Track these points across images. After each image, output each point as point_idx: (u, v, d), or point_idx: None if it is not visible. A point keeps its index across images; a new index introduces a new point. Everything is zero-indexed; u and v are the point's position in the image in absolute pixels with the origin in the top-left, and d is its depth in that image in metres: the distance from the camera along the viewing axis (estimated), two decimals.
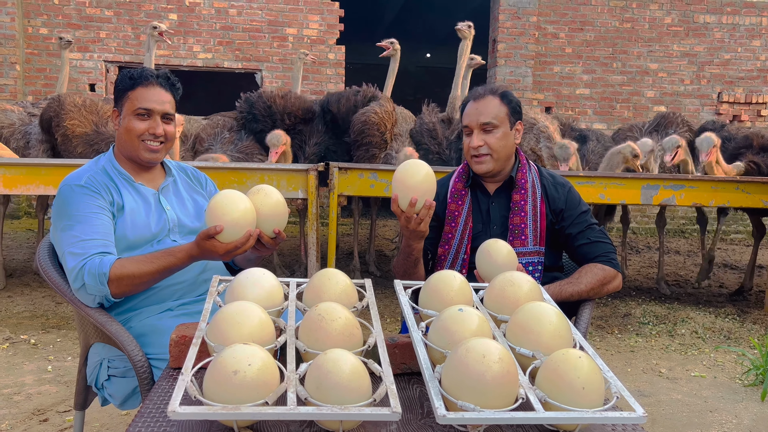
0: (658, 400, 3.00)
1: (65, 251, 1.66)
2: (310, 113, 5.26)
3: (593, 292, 1.92)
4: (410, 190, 1.61)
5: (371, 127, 4.94)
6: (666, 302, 4.82)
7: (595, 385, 1.08)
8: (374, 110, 5.00)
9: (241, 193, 1.52)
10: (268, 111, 5.14)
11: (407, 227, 1.70)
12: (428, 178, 1.63)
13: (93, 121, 4.65)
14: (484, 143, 1.95)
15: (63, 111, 4.63)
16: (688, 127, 5.48)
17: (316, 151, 5.18)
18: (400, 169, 1.64)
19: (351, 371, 1.03)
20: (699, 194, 4.02)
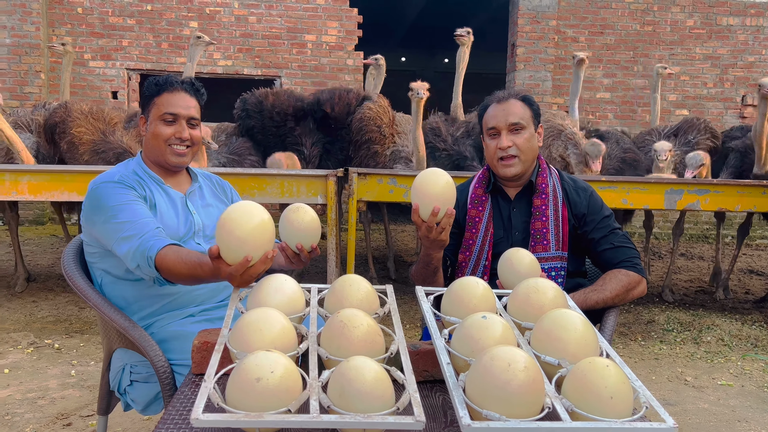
0: (684, 409, 2.94)
1: (115, 239, 1.63)
2: (300, 111, 5.21)
3: (618, 298, 1.89)
4: (431, 199, 1.60)
5: (368, 122, 4.91)
6: (690, 309, 4.73)
7: (623, 395, 1.05)
8: (368, 106, 5.00)
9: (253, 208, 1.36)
10: (259, 107, 5.14)
11: (428, 237, 1.68)
12: (448, 187, 1.61)
13: (100, 128, 4.53)
14: (512, 144, 1.93)
15: (70, 118, 4.52)
16: (711, 133, 5.27)
17: (315, 152, 5.15)
18: (420, 179, 1.63)
19: (374, 379, 1.02)
20: (724, 199, 3.95)
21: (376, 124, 4.93)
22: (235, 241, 1.33)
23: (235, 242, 1.33)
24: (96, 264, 1.79)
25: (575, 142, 4.51)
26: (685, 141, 5.23)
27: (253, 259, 1.33)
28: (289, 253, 1.58)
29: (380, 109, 5.00)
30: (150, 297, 1.75)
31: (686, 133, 5.28)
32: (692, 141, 5.19)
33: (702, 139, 5.19)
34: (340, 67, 8.32)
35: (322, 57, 8.29)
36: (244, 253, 1.32)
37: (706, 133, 5.22)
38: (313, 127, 5.22)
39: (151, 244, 1.58)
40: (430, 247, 1.76)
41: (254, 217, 1.34)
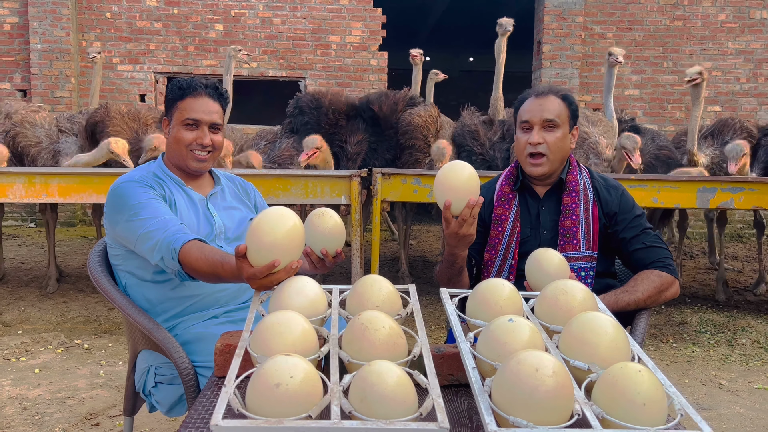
0: (719, 414, 2.85)
1: (138, 235, 1.63)
2: (353, 109, 5.31)
3: (650, 300, 1.84)
4: (461, 191, 1.57)
5: (415, 129, 4.94)
6: (724, 310, 4.61)
7: (657, 401, 1.01)
8: (419, 113, 5.01)
9: (287, 214, 1.35)
10: (316, 103, 5.22)
11: (457, 234, 1.64)
12: (473, 177, 1.59)
13: (134, 128, 4.76)
14: (543, 141, 1.88)
15: (108, 117, 4.77)
16: (747, 132, 5.10)
17: (358, 150, 5.17)
18: (444, 174, 1.59)
19: (396, 383, 0.99)
20: (760, 197, 3.82)
21: (422, 133, 4.95)
22: (264, 245, 1.32)
23: (264, 246, 1.32)
24: (120, 266, 1.80)
25: (597, 152, 4.41)
26: (722, 142, 5.08)
27: (280, 265, 1.31)
28: (313, 258, 1.56)
29: (429, 118, 5.02)
30: (174, 299, 1.75)
31: (722, 134, 5.15)
32: (728, 141, 4.98)
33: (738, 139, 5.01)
34: (364, 67, 8.31)
35: (346, 58, 8.29)
36: (272, 257, 1.31)
37: (742, 133, 5.06)
38: (362, 127, 5.27)
39: (177, 237, 1.58)
40: (457, 245, 1.73)
41: (286, 224, 1.33)
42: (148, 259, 1.63)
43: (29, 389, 2.97)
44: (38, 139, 4.95)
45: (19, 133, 4.93)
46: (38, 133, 4.98)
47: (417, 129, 4.92)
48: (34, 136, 4.95)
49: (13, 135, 4.94)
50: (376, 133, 5.27)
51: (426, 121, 4.97)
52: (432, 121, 5.04)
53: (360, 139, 5.19)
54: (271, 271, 1.32)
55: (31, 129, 4.98)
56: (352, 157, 5.13)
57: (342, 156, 5.18)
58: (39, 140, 4.94)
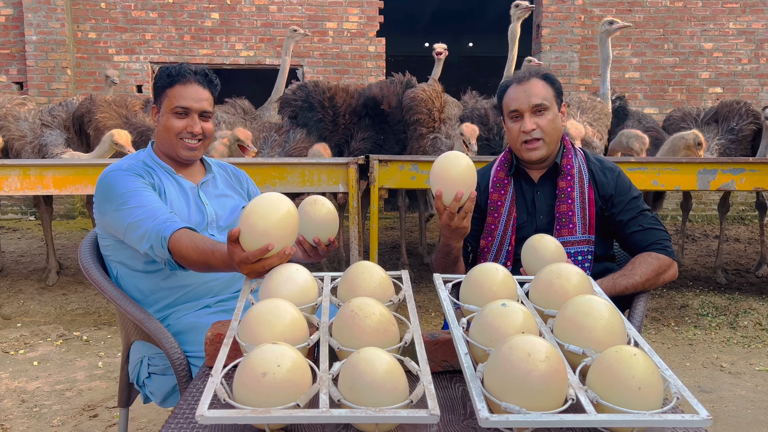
0: (720, 397, 2.84)
1: (127, 224, 1.61)
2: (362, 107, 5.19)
3: (649, 283, 1.81)
4: (453, 183, 1.53)
5: (419, 103, 4.87)
6: (726, 292, 4.58)
7: (652, 385, 0.99)
8: (423, 88, 4.96)
9: (281, 199, 1.34)
10: (330, 102, 5.04)
11: (449, 225, 1.62)
12: (469, 170, 1.54)
13: (123, 114, 4.76)
14: (536, 126, 1.86)
15: (94, 107, 4.76)
16: (753, 116, 4.91)
17: (362, 146, 5.08)
18: (439, 163, 1.56)
19: (386, 371, 0.97)
20: (761, 178, 3.78)
21: (426, 106, 4.89)
22: (258, 229, 1.30)
23: (257, 230, 1.30)
24: (111, 257, 1.78)
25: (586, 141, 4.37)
26: (728, 128, 4.91)
27: (273, 250, 1.29)
28: (306, 247, 1.54)
29: (433, 92, 4.97)
30: (166, 289, 1.73)
31: (727, 119, 4.95)
32: (735, 128, 4.88)
33: (745, 125, 4.86)
34: (362, 54, 8.24)
35: (343, 44, 8.22)
36: (265, 242, 1.29)
37: (748, 118, 4.88)
38: (368, 123, 5.17)
39: (167, 225, 1.56)
40: (451, 236, 1.70)
41: (281, 209, 1.32)
42: (137, 249, 1.61)
43: (28, 382, 2.96)
44: (22, 133, 4.87)
45: (3, 127, 4.88)
46: (22, 127, 4.90)
47: (421, 102, 4.86)
48: (18, 129, 4.88)
49: None
50: (384, 130, 5.17)
51: (429, 96, 4.91)
52: (436, 95, 4.96)
53: (366, 136, 5.11)
54: (264, 256, 1.30)
55: (14, 123, 4.90)
56: (354, 152, 5.05)
57: (345, 151, 5.10)
58: (23, 134, 4.86)
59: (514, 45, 5.16)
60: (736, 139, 4.83)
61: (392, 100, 5.08)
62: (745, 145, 4.88)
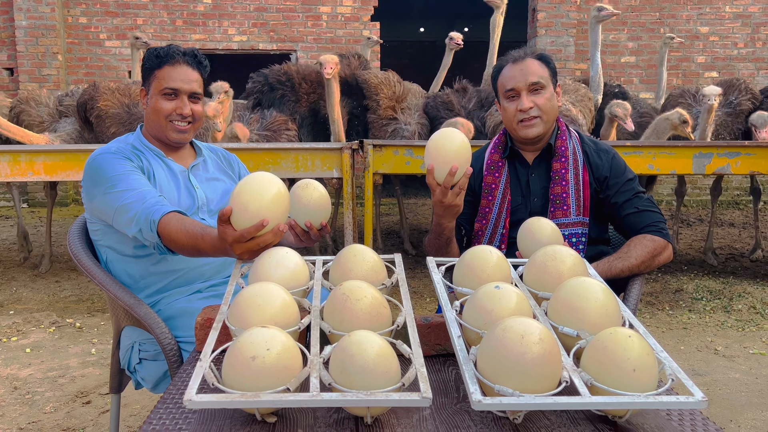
0: (714, 380, 2.85)
1: (115, 207, 1.58)
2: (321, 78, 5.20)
3: (644, 265, 1.80)
4: (447, 158, 1.50)
5: (369, 88, 4.91)
6: (720, 276, 4.59)
7: (647, 367, 0.97)
8: (375, 73, 4.98)
9: (273, 178, 1.33)
10: (286, 76, 5.12)
11: (442, 202, 1.59)
12: (464, 146, 1.51)
13: (125, 102, 4.73)
14: (533, 104, 1.84)
15: (97, 94, 4.74)
16: (752, 93, 5.03)
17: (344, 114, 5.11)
18: (435, 139, 1.53)
19: (377, 354, 0.96)
20: (757, 162, 3.78)
21: (376, 92, 4.88)
22: (250, 207, 1.28)
23: (250, 208, 1.28)
24: (100, 241, 1.75)
25: (571, 118, 4.35)
26: (726, 102, 5.02)
27: (268, 226, 1.27)
28: (298, 231, 1.51)
29: (385, 80, 4.95)
30: (156, 274, 1.71)
31: (726, 94, 5.05)
32: (734, 102, 5.01)
33: (743, 99, 5.01)
34: (356, 38, 8.17)
35: (337, 29, 8.15)
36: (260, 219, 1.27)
37: (747, 94, 5.01)
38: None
39: (156, 209, 1.53)
40: (443, 215, 1.68)
41: (272, 188, 1.30)
42: (125, 233, 1.58)
43: (20, 369, 2.95)
44: (41, 119, 4.97)
45: (24, 111, 4.95)
46: (41, 112, 5.00)
47: (370, 88, 4.89)
48: (38, 115, 4.98)
49: (18, 112, 4.97)
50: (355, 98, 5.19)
51: (381, 82, 4.91)
52: (388, 83, 4.94)
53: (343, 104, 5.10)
54: (259, 233, 1.28)
55: (35, 108, 5.00)
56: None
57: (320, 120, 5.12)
58: (42, 119, 4.97)
59: (494, 35, 5.15)
60: (733, 112, 4.93)
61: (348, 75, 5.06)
62: (741, 119, 4.99)
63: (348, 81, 5.12)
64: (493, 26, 5.16)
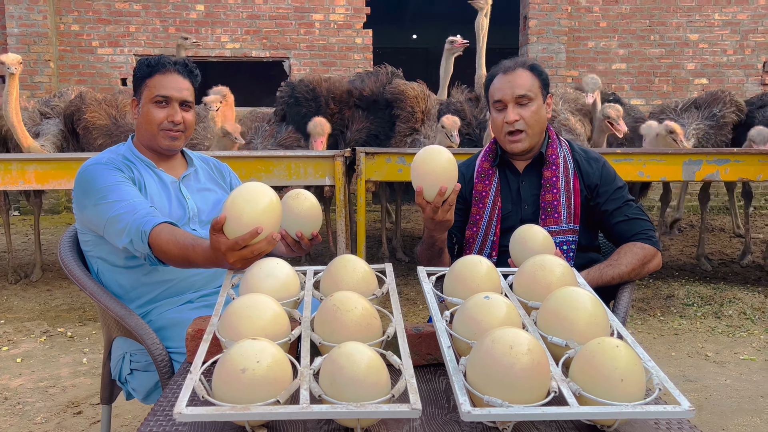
0: (704, 386, 2.86)
1: (106, 218, 1.58)
2: (350, 95, 5.15)
3: (635, 272, 1.82)
4: (435, 178, 1.51)
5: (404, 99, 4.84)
6: (711, 282, 4.62)
7: (635, 377, 0.98)
8: (412, 86, 4.92)
9: (265, 187, 1.34)
10: (312, 94, 5.02)
11: (433, 219, 1.60)
12: (451, 164, 1.52)
13: (112, 114, 4.72)
14: (519, 117, 1.85)
15: (84, 105, 4.71)
16: (736, 106, 5.06)
17: (357, 137, 5.06)
18: (420, 158, 1.53)
19: (367, 365, 0.96)
20: (745, 168, 3.81)
21: (410, 104, 4.84)
22: (244, 216, 1.29)
23: (244, 217, 1.29)
24: (91, 252, 1.75)
25: (569, 128, 4.39)
26: (709, 114, 5.05)
27: (263, 233, 1.28)
28: (289, 241, 1.52)
29: (420, 93, 4.92)
30: (147, 284, 1.71)
31: (710, 105, 5.09)
32: (717, 114, 5.01)
33: (728, 112, 5.01)
34: (349, 46, 8.19)
35: (330, 36, 8.17)
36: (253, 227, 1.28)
37: (731, 106, 5.02)
38: (362, 114, 5.13)
39: (147, 220, 1.53)
40: (435, 229, 1.69)
41: (265, 197, 1.32)
42: (116, 244, 1.58)
43: (11, 379, 2.93)
44: None
45: (3, 116, 4.85)
46: (22, 116, 4.90)
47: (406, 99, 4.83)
48: None
49: None
50: (379, 118, 5.11)
51: (417, 95, 4.87)
52: (423, 97, 4.92)
53: (360, 127, 5.06)
54: (253, 240, 1.28)
55: None
56: (349, 143, 5.01)
57: (340, 141, 5.06)
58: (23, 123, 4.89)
59: (480, 37, 5.16)
60: (716, 125, 4.95)
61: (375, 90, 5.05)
62: (726, 131, 5.01)
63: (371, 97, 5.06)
64: (478, 28, 5.19)
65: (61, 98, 5.23)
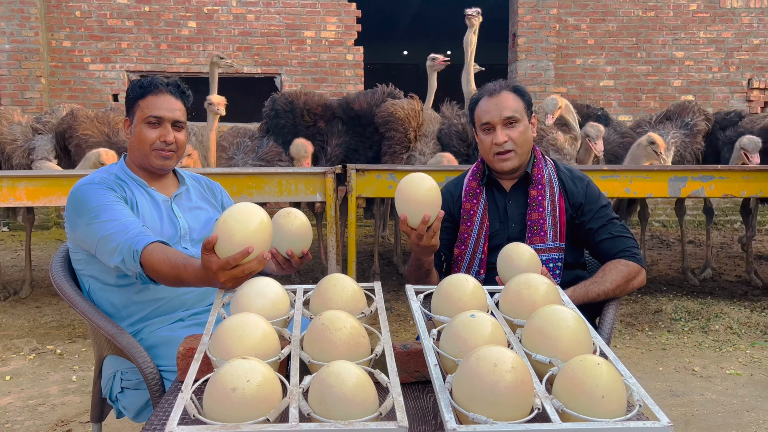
0: (691, 400, 2.89)
1: (98, 238, 1.60)
2: (329, 110, 5.23)
3: (619, 289, 1.85)
4: (418, 206, 1.55)
5: (395, 120, 4.88)
6: (698, 297, 4.67)
7: (615, 394, 1.01)
8: (402, 105, 4.94)
9: (257, 208, 1.36)
10: (290, 106, 5.14)
11: (418, 244, 1.65)
12: (433, 192, 1.56)
13: (104, 131, 4.73)
14: (508, 138, 1.89)
15: (76, 123, 4.71)
16: (704, 114, 5.38)
17: (338, 152, 5.13)
18: (403, 186, 1.58)
19: (355, 384, 0.99)
20: (730, 185, 3.88)
21: (403, 125, 4.88)
22: (235, 236, 1.32)
23: (235, 237, 1.32)
24: (82, 271, 1.77)
25: (557, 147, 4.46)
26: (682, 123, 5.33)
27: (253, 253, 1.31)
28: (279, 259, 1.54)
29: (411, 112, 4.94)
30: (139, 303, 1.73)
31: (681, 115, 5.40)
32: (690, 123, 5.32)
33: (698, 120, 5.33)
34: (340, 62, 8.27)
35: (321, 53, 8.24)
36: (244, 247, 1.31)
37: (700, 115, 5.35)
38: (342, 129, 5.20)
39: (139, 239, 1.55)
40: (422, 252, 1.74)
41: (256, 217, 1.34)
42: (108, 263, 1.60)
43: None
44: (14, 137, 4.93)
45: None
46: (14, 130, 4.97)
47: (397, 120, 4.86)
48: (10, 133, 4.94)
49: None
50: (357, 133, 5.19)
51: (408, 114, 4.90)
52: (414, 114, 4.96)
53: (340, 141, 5.14)
54: (244, 260, 1.31)
55: (8, 126, 4.97)
56: (331, 159, 5.09)
57: (321, 157, 5.13)
58: (15, 137, 4.92)
59: (468, 52, 5.26)
60: (690, 133, 5.24)
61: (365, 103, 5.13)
62: (699, 139, 5.32)
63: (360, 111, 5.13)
64: (467, 44, 5.29)
65: (53, 115, 5.23)
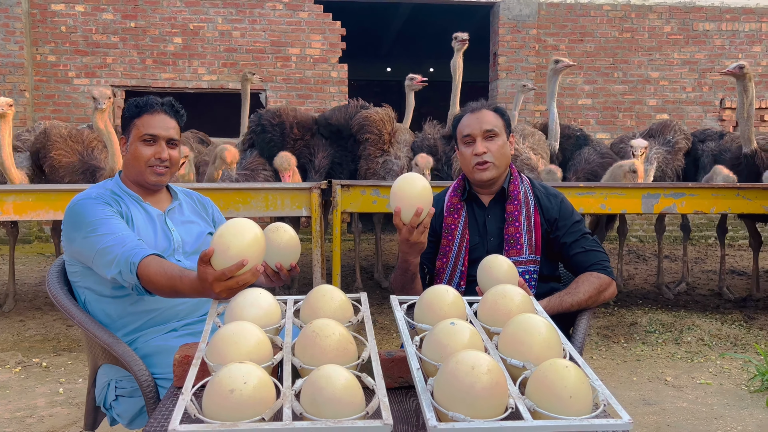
0: (663, 409, 3.00)
1: (96, 250, 1.66)
2: (315, 124, 5.50)
3: (591, 300, 1.96)
4: (412, 200, 1.66)
5: (370, 123, 5.17)
6: (672, 310, 4.81)
7: (582, 394, 1.11)
8: (375, 110, 5.29)
9: (251, 223, 1.46)
10: (278, 120, 5.33)
11: (408, 240, 1.74)
12: (426, 190, 1.69)
13: (78, 150, 4.65)
14: (487, 150, 2.01)
15: (49, 142, 4.64)
16: (684, 134, 5.62)
17: (325, 163, 5.37)
18: (399, 183, 1.70)
19: (344, 386, 1.07)
20: (700, 202, 4.04)
21: (378, 127, 5.16)
22: (231, 250, 1.40)
23: (231, 250, 1.40)
24: (78, 282, 1.83)
25: (531, 166, 4.62)
26: (664, 141, 5.58)
27: (248, 265, 1.39)
28: (269, 272, 1.62)
29: (385, 116, 5.25)
30: (133, 313, 1.79)
31: (663, 133, 5.66)
32: (671, 140, 5.57)
33: (679, 138, 5.58)
34: (324, 79, 8.39)
35: (306, 70, 8.36)
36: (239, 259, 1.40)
37: (680, 134, 5.61)
38: (325, 143, 5.43)
39: (136, 252, 1.63)
40: (409, 252, 1.83)
41: (250, 232, 1.43)
42: (104, 275, 1.67)
43: None
44: None
45: None
46: None
47: (372, 123, 5.15)
48: None
49: None
50: (340, 146, 5.43)
51: (381, 118, 5.20)
52: (388, 119, 5.26)
53: (326, 154, 5.34)
54: (239, 272, 1.39)
55: None
56: (320, 170, 5.28)
57: (310, 169, 5.29)
58: None
59: (455, 75, 5.50)
60: (672, 150, 5.51)
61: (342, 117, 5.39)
62: (680, 156, 5.58)
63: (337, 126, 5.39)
64: (454, 68, 5.48)
65: (31, 132, 5.15)
